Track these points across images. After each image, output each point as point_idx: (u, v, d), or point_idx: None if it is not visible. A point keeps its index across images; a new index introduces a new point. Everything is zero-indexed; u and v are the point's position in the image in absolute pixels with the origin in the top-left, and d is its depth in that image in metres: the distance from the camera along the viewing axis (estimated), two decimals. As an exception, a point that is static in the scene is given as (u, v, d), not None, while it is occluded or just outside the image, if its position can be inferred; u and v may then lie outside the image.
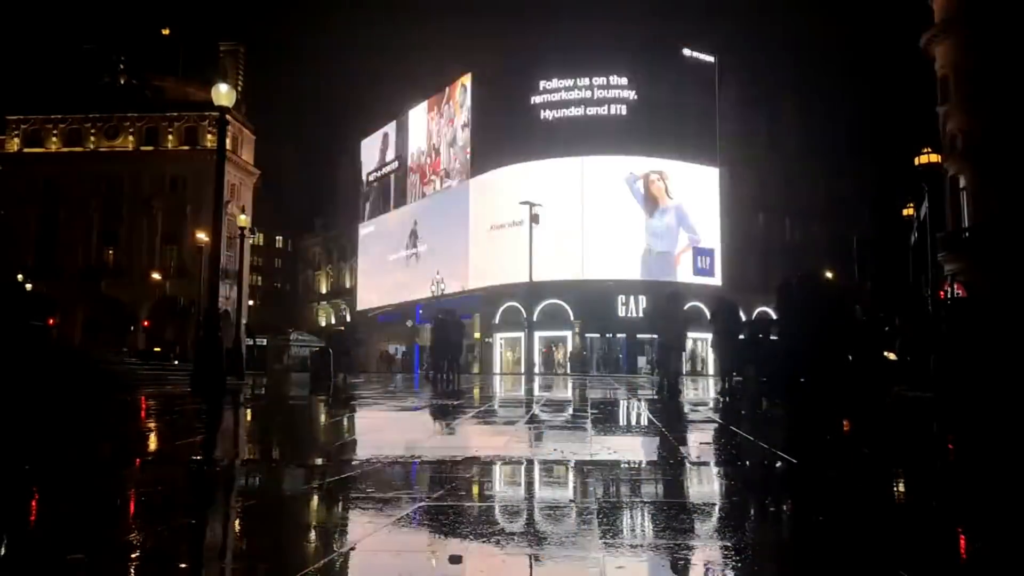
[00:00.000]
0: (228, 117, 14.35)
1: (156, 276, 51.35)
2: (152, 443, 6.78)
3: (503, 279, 40.82)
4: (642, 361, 38.04)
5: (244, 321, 47.95)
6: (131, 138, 55.32)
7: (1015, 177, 28.41)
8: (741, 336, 12.78)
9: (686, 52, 42.91)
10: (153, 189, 54.79)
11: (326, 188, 77.89)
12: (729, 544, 2.99)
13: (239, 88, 51.13)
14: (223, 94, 13.51)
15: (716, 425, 8.20)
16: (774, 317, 12.63)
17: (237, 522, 3.57)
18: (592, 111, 41.99)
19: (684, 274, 40.55)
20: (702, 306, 34.39)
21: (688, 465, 5.11)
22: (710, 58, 43.39)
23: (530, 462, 5.20)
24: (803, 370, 9.81)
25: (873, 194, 48.09)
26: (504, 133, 43.79)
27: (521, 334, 39.13)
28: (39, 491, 4.21)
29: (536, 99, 43.03)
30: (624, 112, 41.62)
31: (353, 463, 5.11)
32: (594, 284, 40.13)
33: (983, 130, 30.26)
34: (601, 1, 43.52)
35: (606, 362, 40.93)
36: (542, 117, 42.76)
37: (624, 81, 41.80)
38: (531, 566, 2.68)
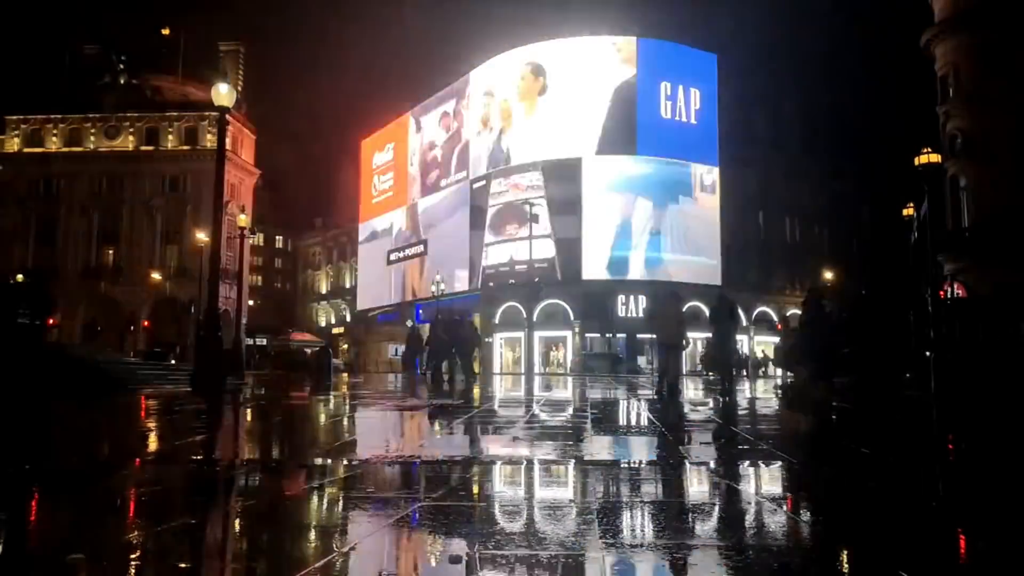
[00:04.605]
0: (228, 117, 14.34)
1: (156, 276, 51.36)
2: (152, 443, 6.78)
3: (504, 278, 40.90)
4: (642, 361, 38.04)
5: (244, 321, 47.93)
6: (131, 138, 55.32)
7: (1015, 177, 28.42)
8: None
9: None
10: (153, 189, 54.79)
11: (326, 188, 78.01)
12: (727, 544, 2.99)
13: (239, 88, 51.14)
14: (223, 94, 13.50)
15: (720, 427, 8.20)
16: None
17: (237, 522, 3.57)
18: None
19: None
20: (702, 306, 34.52)
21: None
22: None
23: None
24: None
25: (873, 194, 48.12)
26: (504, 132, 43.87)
27: (521, 334, 39.18)
28: (39, 491, 4.21)
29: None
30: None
31: (353, 463, 5.11)
32: (594, 284, 40.14)
33: (983, 130, 30.27)
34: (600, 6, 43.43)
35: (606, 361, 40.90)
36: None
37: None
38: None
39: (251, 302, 63.87)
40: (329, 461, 5.28)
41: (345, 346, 64.77)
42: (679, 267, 40.01)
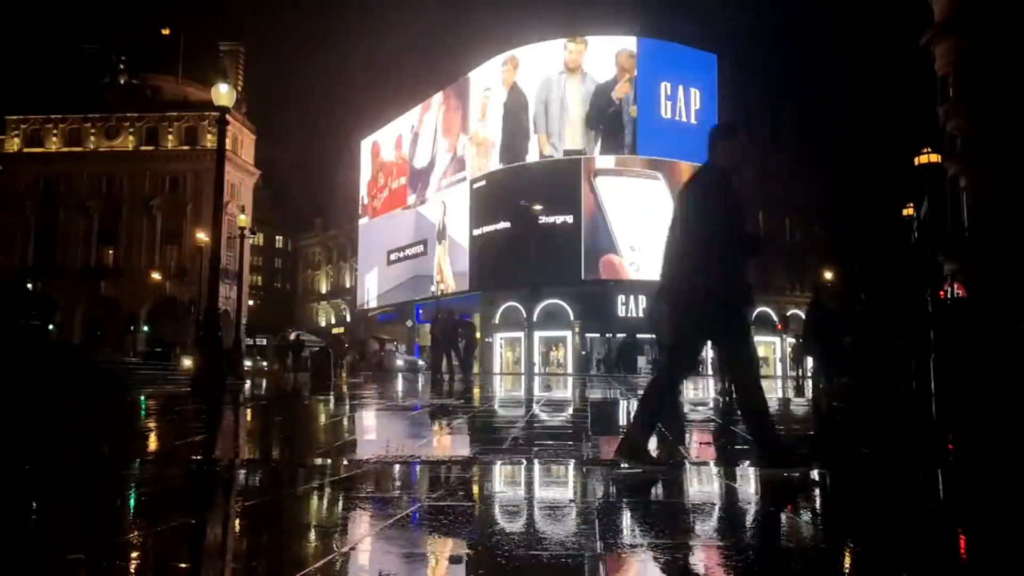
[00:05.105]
0: (228, 117, 14.34)
1: (156, 276, 51.39)
2: (152, 443, 6.78)
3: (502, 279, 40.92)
4: (642, 361, 38.01)
5: (244, 321, 47.94)
6: (131, 138, 55.35)
7: (1015, 177, 28.44)
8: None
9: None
10: (153, 189, 54.85)
11: (326, 188, 78.00)
12: (727, 544, 2.99)
13: (239, 88, 51.16)
14: (223, 94, 13.50)
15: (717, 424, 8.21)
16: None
17: (237, 522, 3.56)
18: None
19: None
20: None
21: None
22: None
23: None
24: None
25: (873, 194, 48.13)
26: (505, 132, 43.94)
27: (521, 334, 39.17)
28: (38, 491, 4.21)
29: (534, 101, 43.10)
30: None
31: (353, 463, 5.11)
32: (594, 284, 40.14)
33: (983, 130, 30.30)
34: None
35: (605, 362, 40.93)
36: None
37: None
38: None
39: (251, 302, 63.90)
40: (329, 461, 5.28)
41: (345, 346, 64.75)
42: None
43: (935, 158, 23.66)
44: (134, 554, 2.89)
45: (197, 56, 55.70)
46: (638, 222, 38.81)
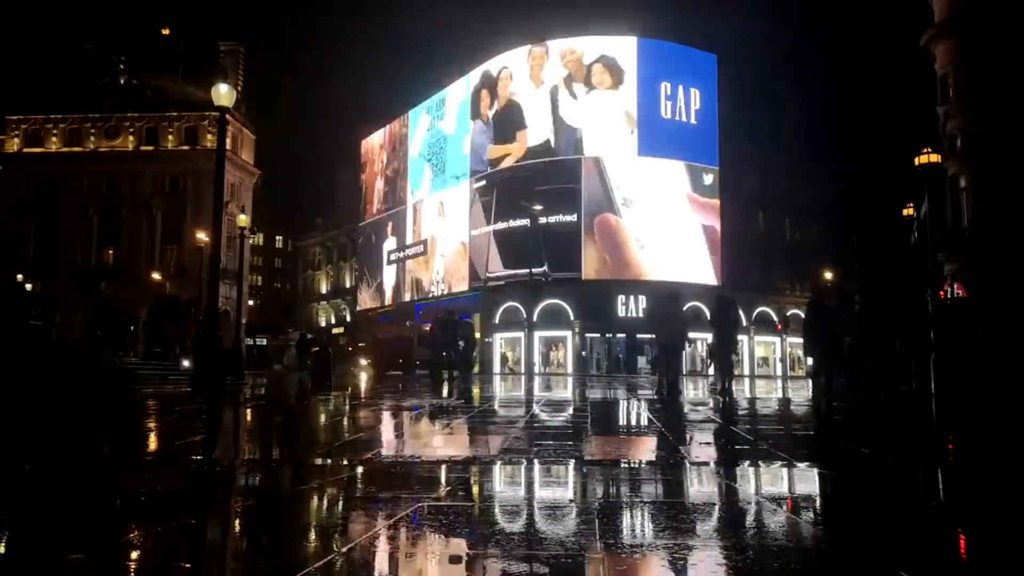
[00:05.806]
0: (228, 117, 14.34)
1: (156, 276, 51.34)
2: (152, 443, 6.78)
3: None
4: (642, 361, 38.02)
5: (244, 321, 47.94)
6: (131, 138, 55.33)
7: (1015, 177, 28.42)
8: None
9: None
10: (153, 189, 54.79)
11: (326, 188, 77.92)
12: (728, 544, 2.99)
13: (239, 88, 51.15)
14: (223, 94, 13.50)
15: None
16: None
17: (237, 522, 3.57)
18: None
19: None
20: (702, 306, 34.77)
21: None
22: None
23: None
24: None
25: (873, 194, 48.13)
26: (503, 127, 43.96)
27: (521, 334, 39.16)
28: (39, 491, 4.21)
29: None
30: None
31: (353, 463, 5.11)
32: (594, 284, 40.13)
33: (983, 130, 30.27)
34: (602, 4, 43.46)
35: (604, 361, 40.93)
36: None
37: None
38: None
39: (251, 302, 63.88)
40: (329, 461, 5.28)
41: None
42: (679, 267, 40.00)
43: (935, 158, 23.61)
44: (134, 554, 2.89)
45: (197, 56, 55.69)
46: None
